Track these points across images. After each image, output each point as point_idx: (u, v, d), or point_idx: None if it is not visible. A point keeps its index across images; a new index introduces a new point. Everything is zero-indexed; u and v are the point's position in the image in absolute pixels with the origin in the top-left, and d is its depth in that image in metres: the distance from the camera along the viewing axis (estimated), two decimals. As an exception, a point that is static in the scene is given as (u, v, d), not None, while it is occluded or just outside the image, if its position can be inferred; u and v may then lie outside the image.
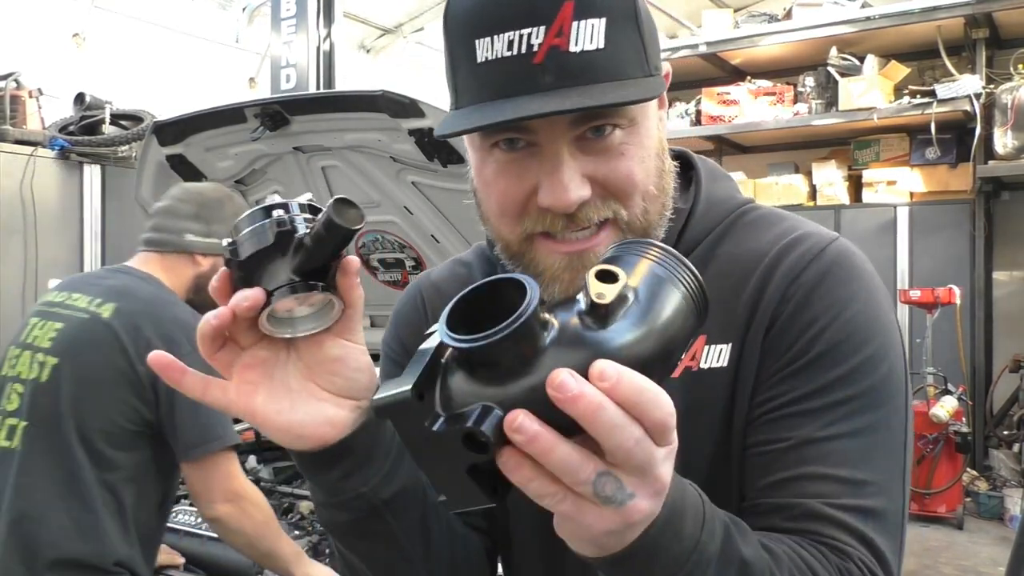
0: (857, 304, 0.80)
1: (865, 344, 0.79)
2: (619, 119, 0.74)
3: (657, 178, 0.79)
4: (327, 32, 6.49)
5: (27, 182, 4.10)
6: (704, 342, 0.82)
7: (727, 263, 0.85)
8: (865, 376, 0.78)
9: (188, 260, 1.97)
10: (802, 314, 0.79)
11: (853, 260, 0.83)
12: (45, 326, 1.88)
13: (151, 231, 2.00)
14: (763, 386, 0.80)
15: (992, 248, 6.46)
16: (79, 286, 1.94)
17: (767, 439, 0.78)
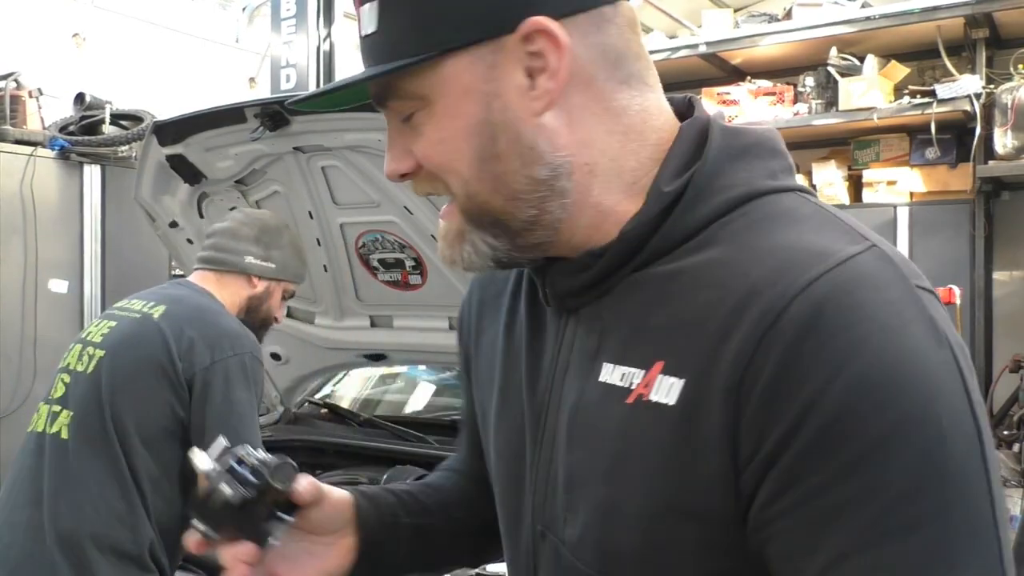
0: (865, 354, 0.58)
1: (887, 406, 0.58)
2: (404, 102, 0.72)
3: (478, 159, 0.71)
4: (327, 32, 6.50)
5: (27, 182, 4.10)
6: (660, 369, 0.67)
7: (706, 272, 0.67)
8: (896, 451, 0.57)
9: (244, 281, 2.08)
10: (787, 377, 0.60)
11: (858, 286, 0.61)
12: (102, 324, 1.99)
13: (211, 250, 2.11)
14: (752, 475, 0.62)
15: (992, 248, 6.46)
16: (142, 295, 2.07)
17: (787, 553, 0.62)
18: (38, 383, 4.00)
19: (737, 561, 0.64)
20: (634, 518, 0.68)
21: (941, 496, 0.57)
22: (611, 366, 0.71)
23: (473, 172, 0.71)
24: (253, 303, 2.11)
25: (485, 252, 0.74)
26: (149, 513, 1.84)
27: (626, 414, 0.68)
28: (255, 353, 1.95)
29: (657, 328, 0.68)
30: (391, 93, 0.72)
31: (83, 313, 4.34)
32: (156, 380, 1.85)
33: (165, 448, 1.86)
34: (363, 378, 3.67)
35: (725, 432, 0.62)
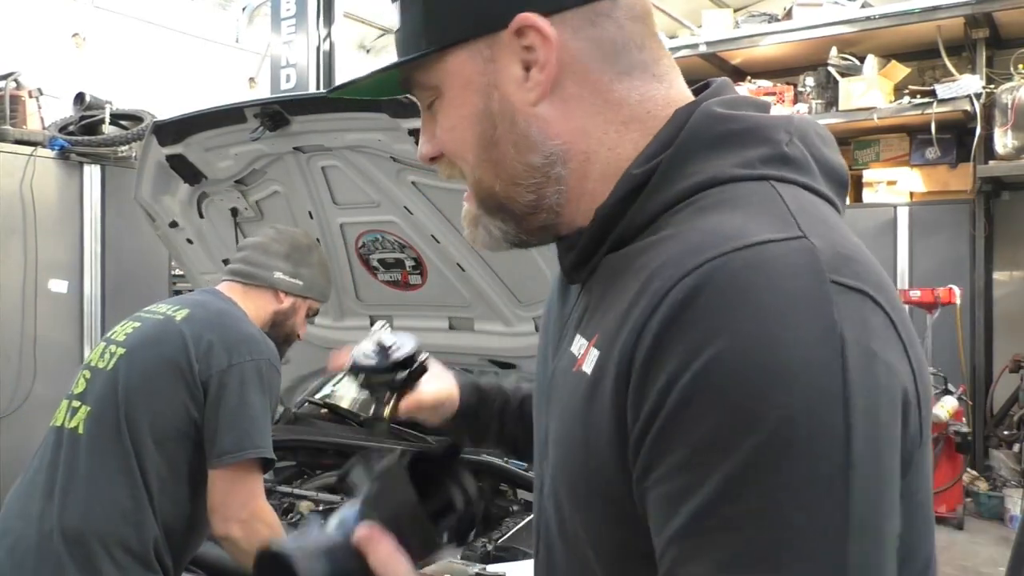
0: (725, 339, 0.57)
1: (734, 393, 0.57)
2: (422, 92, 0.81)
3: (480, 147, 0.77)
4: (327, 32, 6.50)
5: (27, 182, 4.10)
6: (594, 342, 0.70)
7: (639, 256, 0.69)
8: (737, 440, 0.56)
9: (272, 295, 2.11)
10: (653, 359, 0.61)
11: (751, 272, 0.59)
12: (127, 325, 2.03)
13: (241, 263, 2.15)
14: (634, 451, 0.63)
15: (992, 248, 6.46)
16: (170, 300, 2.14)
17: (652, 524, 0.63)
18: (38, 383, 4.00)
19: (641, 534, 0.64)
20: (573, 474, 0.71)
21: (771, 497, 0.55)
22: (578, 336, 0.76)
23: (477, 158, 0.77)
24: (278, 318, 2.14)
25: (497, 235, 0.81)
26: (155, 512, 1.84)
27: (571, 381, 0.73)
28: (272, 360, 1.96)
29: (603, 305, 0.72)
30: (411, 84, 0.81)
31: (83, 313, 4.34)
32: (173, 380, 1.87)
33: (177, 448, 1.87)
34: (363, 378, 3.66)
35: (617, 403, 0.64)
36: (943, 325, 5.67)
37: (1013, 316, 6.48)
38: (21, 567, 1.78)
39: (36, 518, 1.81)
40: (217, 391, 1.86)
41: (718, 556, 0.57)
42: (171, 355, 1.88)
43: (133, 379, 1.88)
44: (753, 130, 0.71)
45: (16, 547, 1.80)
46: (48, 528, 1.79)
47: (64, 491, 1.82)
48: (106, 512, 1.80)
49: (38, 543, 1.78)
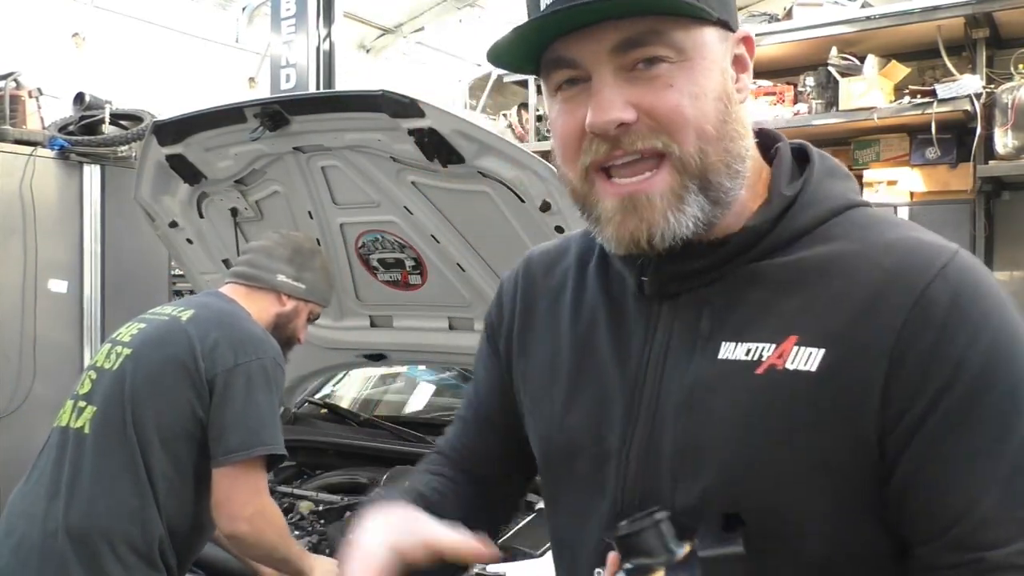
0: (994, 326, 0.73)
1: (1013, 365, 0.73)
2: (662, 49, 0.77)
3: (718, 122, 0.79)
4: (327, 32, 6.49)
5: (27, 182, 4.09)
6: (795, 342, 0.76)
7: (835, 261, 0.78)
8: (1022, 399, 0.72)
9: (275, 298, 2.15)
10: (939, 345, 0.72)
11: (976, 274, 0.76)
12: (132, 326, 2.05)
13: (244, 265, 2.18)
14: (905, 430, 0.73)
15: (993, 248, 6.45)
16: (175, 302, 2.17)
17: (929, 491, 0.73)
18: (38, 383, 4.00)
19: (860, 509, 0.76)
20: (769, 477, 0.76)
21: None
22: (732, 344, 0.80)
23: (714, 132, 0.78)
24: (280, 320, 2.16)
25: (697, 216, 0.79)
26: (161, 511, 1.85)
27: (756, 384, 0.77)
28: (277, 359, 1.99)
29: (786, 310, 0.78)
30: (656, 38, 0.76)
31: (83, 313, 4.33)
32: (178, 379, 1.88)
33: (182, 447, 1.87)
34: (363, 378, 3.66)
35: (874, 393, 0.73)
36: (943, 325, 5.67)
37: (1013, 316, 6.48)
38: (25, 566, 1.79)
39: (40, 517, 1.82)
40: (223, 390, 1.86)
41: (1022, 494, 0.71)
42: (177, 354, 1.89)
43: (139, 378, 1.89)
44: (841, 168, 0.89)
45: (20, 546, 1.81)
46: (53, 527, 1.79)
47: (70, 490, 1.82)
48: (111, 511, 1.80)
49: (42, 542, 1.78)
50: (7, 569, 1.81)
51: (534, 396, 0.96)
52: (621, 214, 0.79)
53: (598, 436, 0.87)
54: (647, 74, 0.77)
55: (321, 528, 2.36)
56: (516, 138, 5.38)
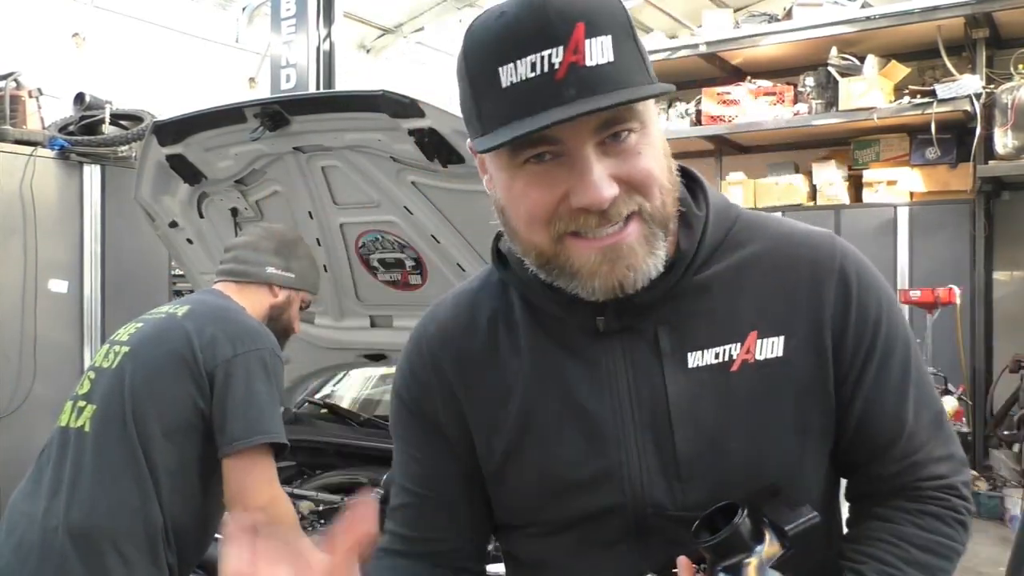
0: (883, 290, 0.97)
1: (897, 315, 0.97)
2: (633, 123, 0.84)
3: (668, 173, 0.89)
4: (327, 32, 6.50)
5: (27, 182, 4.09)
6: (756, 336, 0.92)
7: (762, 261, 0.95)
8: (906, 337, 0.97)
9: (267, 291, 2.16)
10: (860, 306, 0.93)
11: (857, 251, 0.98)
12: (130, 326, 2.06)
13: (232, 263, 2.19)
14: (851, 378, 0.94)
15: (992, 248, 6.45)
16: (171, 302, 2.19)
17: (871, 421, 0.94)
18: (38, 383, 4.00)
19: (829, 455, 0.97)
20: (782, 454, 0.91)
21: (918, 359, 0.98)
22: (698, 352, 0.92)
23: (669, 184, 0.89)
24: (275, 312, 2.17)
25: (662, 258, 0.89)
26: (163, 508, 1.85)
27: (735, 381, 0.91)
28: (275, 350, 2.00)
29: (739, 310, 0.93)
30: (628, 114, 0.84)
31: (83, 313, 4.33)
32: (178, 373, 1.89)
33: (185, 441, 1.88)
34: (363, 378, 3.67)
35: (828, 358, 0.92)
36: (943, 325, 5.67)
37: (1013, 316, 6.47)
38: (26, 564, 1.79)
39: (41, 515, 1.82)
40: (224, 381, 1.87)
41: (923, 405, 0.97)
42: (175, 348, 1.90)
43: (139, 375, 1.90)
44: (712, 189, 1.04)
45: (21, 545, 1.81)
46: (53, 525, 1.79)
47: (71, 488, 1.83)
48: (112, 508, 1.81)
49: (42, 540, 1.79)
50: (8, 568, 1.81)
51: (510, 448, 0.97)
52: (608, 264, 0.86)
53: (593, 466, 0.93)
54: (618, 147, 0.84)
55: (321, 528, 2.36)
56: (516, 138, 5.37)
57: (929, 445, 0.96)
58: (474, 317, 1.02)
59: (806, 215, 6.46)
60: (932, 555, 0.94)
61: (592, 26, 0.80)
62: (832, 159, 6.93)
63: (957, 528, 0.96)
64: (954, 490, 0.96)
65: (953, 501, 0.96)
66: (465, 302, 1.05)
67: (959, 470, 0.98)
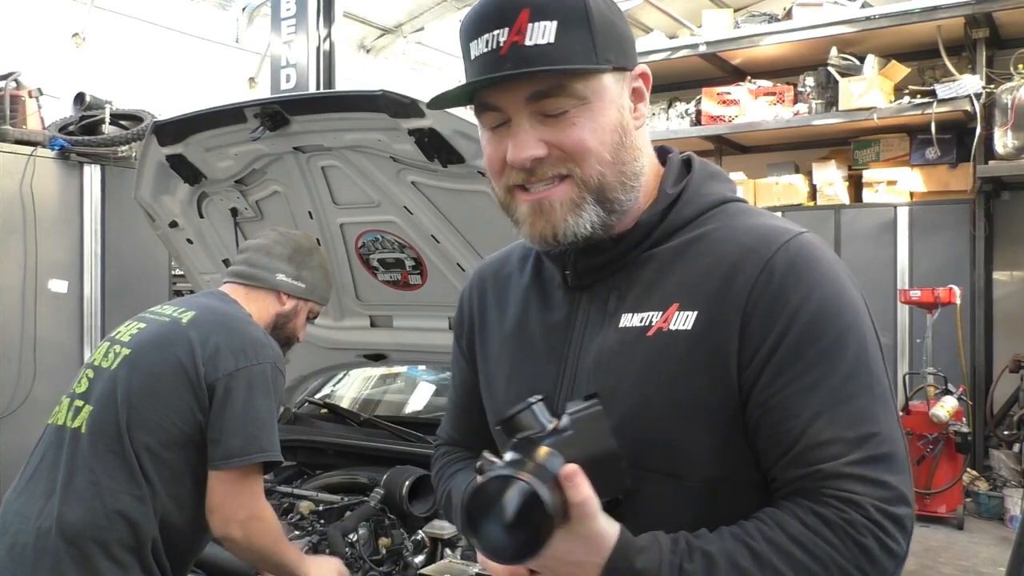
0: (822, 287, 0.95)
1: (838, 318, 0.94)
2: (569, 97, 0.97)
3: (613, 150, 0.99)
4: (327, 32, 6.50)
5: (27, 182, 4.10)
6: (676, 308, 0.98)
7: (706, 242, 1.01)
8: (846, 345, 0.93)
9: (274, 298, 2.14)
10: (776, 302, 0.94)
11: (813, 250, 0.98)
12: (132, 325, 2.03)
13: (243, 265, 2.15)
14: (754, 369, 0.94)
15: (992, 248, 6.45)
16: (175, 301, 2.13)
17: (774, 420, 0.93)
18: (38, 383, 4.00)
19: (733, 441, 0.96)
20: (658, 417, 0.96)
21: (869, 377, 0.94)
22: (629, 315, 1.01)
23: (609, 158, 0.99)
24: (280, 320, 2.15)
25: (592, 221, 0.99)
26: (156, 513, 1.84)
27: (648, 344, 0.98)
28: (277, 363, 1.97)
29: (669, 284, 1.00)
30: (561, 90, 0.96)
31: (83, 313, 4.34)
32: (178, 382, 1.87)
33: (182, 452, 1.87)
34: (363, 378, 3.66)
35: (733, 342, 0.94)
36: (943, 325, 5.67)
37: (1013, 316, 6.47)
38: (20, 564, 1.78)
39: (35, 516, 1.81)
40: (223, 395, 1.86)
41: (846, 419, 0.91)
42: (177, 358, 1.88)
43: (137, 381, 1.88)
44: (722, 172, 1.11)
45: (15, 544, 1.80)
46: (47, 526, 1.79)
47: (64, 489, 1.82)
48: (105, 511, 1.80)
49: (36, 540, 1.78)
50: (2, 568, 1.80)
51: (487, 377, 1.19)
52: (532, 216, 1.01)
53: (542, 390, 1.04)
54: (554, 118, 0.98)
55: (321, 528, 2.36)
56: (516, 138, 5.37)
57: (846, 461, 0.90)
58: (506, 262, 1.23)
59: (806, 215, 6.46)
60: (801, 549, 0.88)
61: (537, 12, 0.94)
62: (832, 159, 6.93)
63: (847, 544, 0.88)
64: (859, 507, 0.89)
65: (852, 515, 0.88)
66: (509, 249, 1.25)
67: (883, 497, 0.89)
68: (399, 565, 2.30)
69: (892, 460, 0.92)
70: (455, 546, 2.33)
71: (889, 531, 0.89)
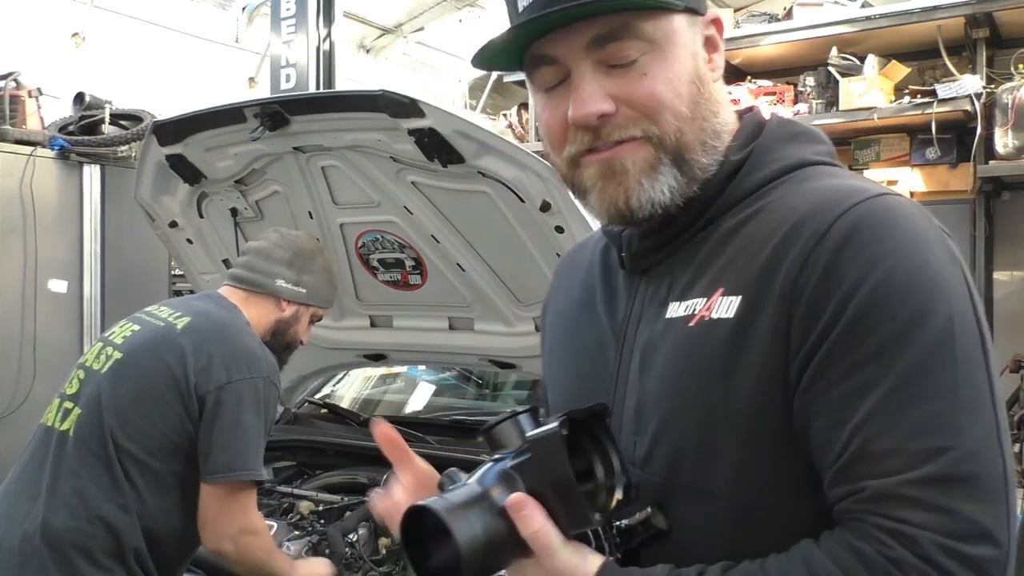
0: (891, 259, 0.74)
1: (911, 298, 0.73)
2: (638, 42, 0.83)
3: (691, 103, 0.85)
4: (327, 32, 6.49)
5: (27, 182, 4.10)
6: (721, 293, 0.82)
7: (764, 214, 0.84)
8: (914, 335, 0.72)
9: (274, 303, 2.08)
10: (828, 280, 0.75)
11: (890, 213, 0.77)
12: (126, 326, 2.00)
13: (243, 268, 2.11)
14: (799, 364, 0.76)
15: (992, 248, 6.45)
16: (171, 302, 2.09)
17: (820, 427, 0.76)
18: (38, 383, 4.00)
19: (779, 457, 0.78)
20: (693, 421, 0.82)
21: (953, 375, 0.72)
22: (676, 303, 0.86)
23: (688, 112, 0.84)
24: (280, 326, 2.10)
25: (673, 187, 0.85)
26: (142, 523, 1.82)
27: (688, 335, 0.83)
28: (271, 377, 1.94)
29: (717, 265, 0.84)
30: (627, 32, 0.82)
31: (83, 313, 4.33)
32: (167, 390, 1.85)
33: (169, 460, 1.85)
34: (363, 378, 3.66)
35: (779, 330, 0.77)
36: (943, 325, 5.66)
37: (1013, 316, 6.46)
38: (6, 567, 1.77)
39: (21, 519, 1.80)
40: (213, 408, 1.83)
41: (910, 425, 0.71)
42: (168, 366, 1.86)
43: (125, 387, 1.86)
44: (809, 132, 0.92)
45: (1, 547, 1.79)
46: (32, 530, 1.77)
47: (49, 493, 1.80)
48: (88, 517, 1.78)
49: (21, 544, 1.77)
50: None
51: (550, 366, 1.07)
52: (602, 180, 0.86)
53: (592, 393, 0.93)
54: (623, 68, 0.83)
55: (321, 528, 2.36)
56: (516, 138, 5.38)
57: (902, 480, 0.70)
58: (584, 246, 1.10)
59: (806, 215, 6.46)
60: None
61: None
62: (832, 159, 6.94)
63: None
64: (912, 543, 0.68)
65: (898, 552, 0.68)
66: (592, 236, 1.12)
67: (950, 531, 0.68)
68: (399, 565, 2.30)
69: (973, 484, 0.70)
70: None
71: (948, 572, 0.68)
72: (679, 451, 0.83)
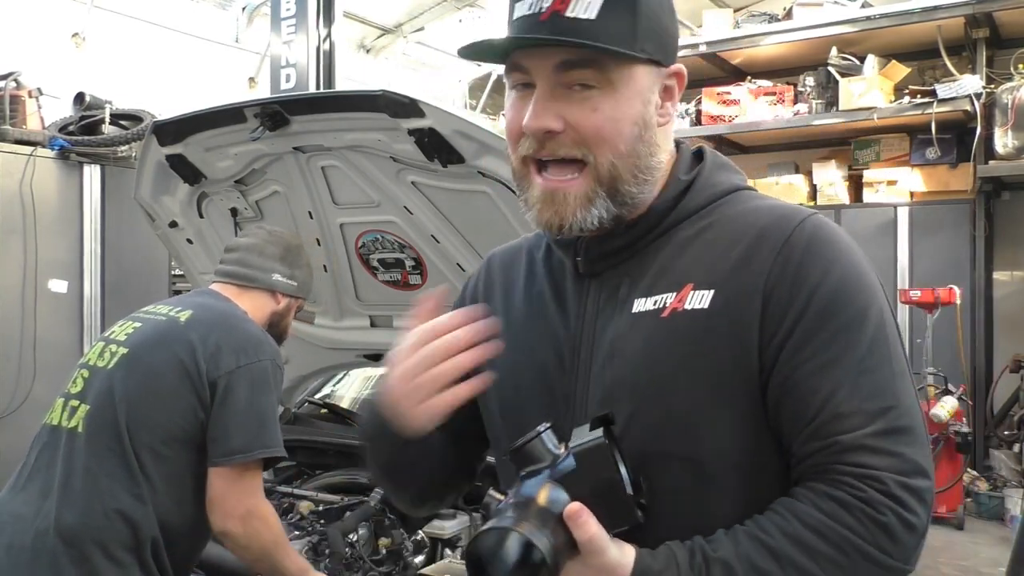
0: (840, 266, 0.95)
1: (856, 294, 0.94)
2: (599, 75, 0.95)
3: (631, 142, 0.98)
4: (327, 32, 6.50)
5: (27, 182, 4.10)
6: (691, 288, 0.97)
7: (719, 226, 1.01)
8: (865, 320, 0.94)
9: (269, 297, 2.14)
10: (798, 276, 0.94)
11: (828, 228, 0.99)
12: (127, 325, 2.02)
13: (236, 265, 2.15)
14: (775, 345, 0.93)
15: (992, 248, 6.45)
16: (168, 301, 2.14)
17: (796, 395, 0.92)
18: (38, 383, 4.00)
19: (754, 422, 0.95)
20: (676, 396, 0.95)
21: (887, 351, 0.94)
22: (642, 299, 0.99)
23: (625, 150, 0.98)
24: (275, 319, 2.16)
25: (600, 216, 0.99)
26: (156, 514, 1.83)
27: (662, 325, 0.97)
28: (277, 360, 1.98)
29: (683, 266, 0.99)
30: (592, 64, 0.95)
31: (83, 313, 4.34)
32: (179, 381, 1.87)
33: (182, 451, 1.86)
34: (363, 378, 3.67)
35: (754, 319, 0.94)
36: (943, 325, 5.67)
37: (1013, 316, 6.47)
38: (17, 565, 1.78)
39: (32, 516, 1.80)
40: (224, 392, 1.86)
41: (867, 391, 0.91)
42: (178, 356, 1.88)
43: (137, 379, 1.88)
44: (731, 163, 1.11)
45: (12, 545, 1.80)
46: (44, 527, 1.78)
47: (62, 490, 1.81)
48: (104, 511, 1.79)
49: (33, 541, 1.77)
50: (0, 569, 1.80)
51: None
52: (542, 203, 1.00)
53: (539, 395, 1.06)
54: (580, 95, 0.96)
55: (321, 528, 2.36)
56: (516, 138, 5.37)
57: (864, 433, 0.90)
58: (517, 253, 1.19)
59: (806, 215, 6.45)
60: (820, 538, 0.87)
61: None
62: (832, 159, 6.93)
63: (866, 524, 0.87)
64: (878, 482, 0.88)
65: (869, 493, 0.87)
66: (520, 241, 1.22)
67: (901, 470, 0.89)
68: (399, 565, 2.30)
69: (911, 433, 0.92)
70: (455, 546, 2.33)
71: (909, 505, 0.88)
72: (658, 423, 0.95)
